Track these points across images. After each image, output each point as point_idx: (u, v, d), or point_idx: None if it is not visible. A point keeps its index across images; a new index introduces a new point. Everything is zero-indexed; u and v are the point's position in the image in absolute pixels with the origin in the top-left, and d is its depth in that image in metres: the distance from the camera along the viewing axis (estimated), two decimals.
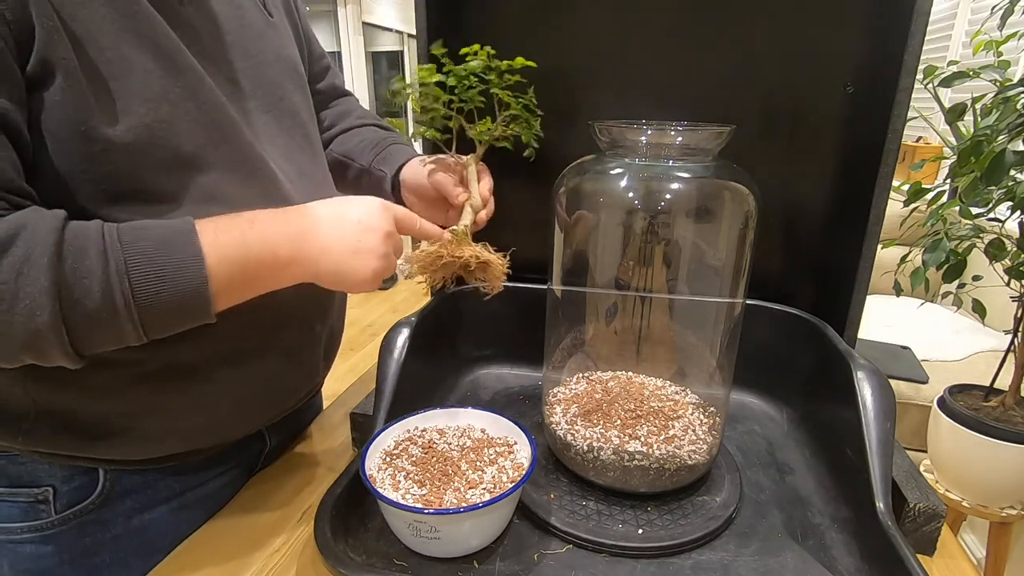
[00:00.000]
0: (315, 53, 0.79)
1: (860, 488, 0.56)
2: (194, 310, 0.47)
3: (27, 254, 0.41)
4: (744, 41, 0.76)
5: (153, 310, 0.44)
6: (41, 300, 0.41)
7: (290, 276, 0.52)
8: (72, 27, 0.44)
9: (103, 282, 0.42)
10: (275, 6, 0.67)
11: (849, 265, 0.72)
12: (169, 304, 0.45)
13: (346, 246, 0.52)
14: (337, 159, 0.79)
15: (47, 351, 0.43)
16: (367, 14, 4.26)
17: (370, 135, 0.79)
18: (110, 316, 0.43)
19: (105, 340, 0.45)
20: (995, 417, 0.90)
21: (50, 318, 0.41)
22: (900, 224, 1.00)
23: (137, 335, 0.45)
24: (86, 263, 0.42)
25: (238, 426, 0.64)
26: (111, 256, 0.43)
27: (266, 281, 0.52)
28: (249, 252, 0.49)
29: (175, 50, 0.50)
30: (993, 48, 0.92)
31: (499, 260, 0.60)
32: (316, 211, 0.54)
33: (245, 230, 0.49)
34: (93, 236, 0.43)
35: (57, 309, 0.41)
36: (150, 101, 0.48)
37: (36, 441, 0.55)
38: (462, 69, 0.62)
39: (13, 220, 0.41)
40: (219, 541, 0.60)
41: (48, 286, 0.41)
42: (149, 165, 0.48)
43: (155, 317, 0.45)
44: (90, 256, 0.42)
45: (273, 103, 0.62)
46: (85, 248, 0.43)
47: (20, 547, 0.59)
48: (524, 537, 0.57)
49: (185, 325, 0.48)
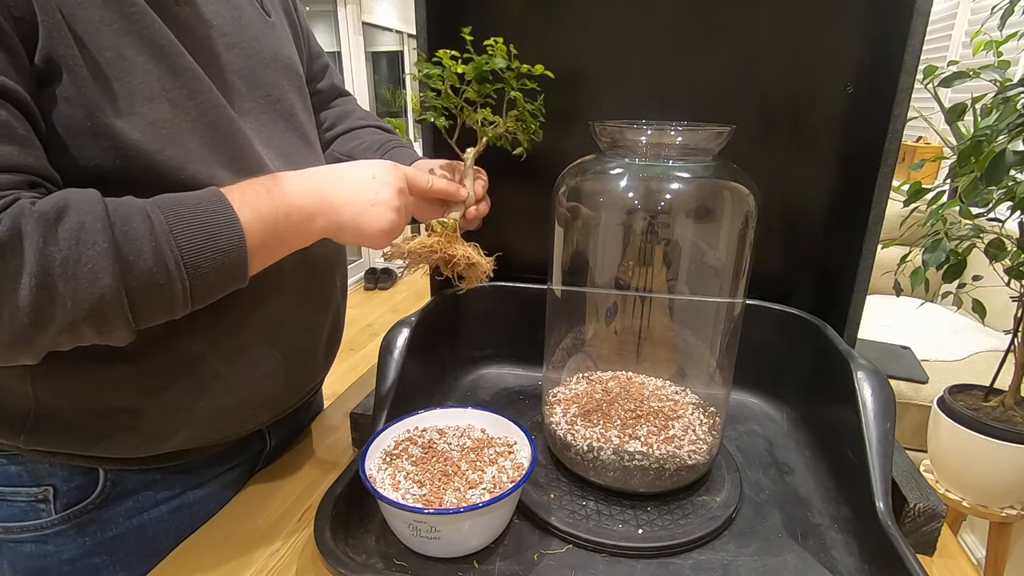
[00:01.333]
0: (313, 52, 0.79)
1: (860, 488, 0.56)
2: (233, 269, 0.48)
3: (81, 221, 0.42)
4: (744, 41, 0.76)
5: (200, 270, 0.46)
6: (102, 262, 0.42)
7: (316, 230, 0.54)
8: (73, 26, 0.45)
9: (152, 243, 0.44)
10: (273, 6, 0.67)
11: (849, 265, 0.72)
12: (213, 262, 0.47)
13: (364, 198, 0.54)
14: (339, 159, 0.79)
15: (109, 318, 0.44)
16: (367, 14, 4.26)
17: (372, 137, 0.80)
18: (164, 277, 0.44)
19: (159, 306, 0.46)
20: (995, 417, 0.90)
21: (112, 280, 0.42)
22: (900, 224, 1.00)
23: (185, 299, 0.47)
24: (134, 227, 0.44)
25: (240, 424, 0.64)
26: (155, 220, 0.45)
27: (294, 236, 0.53)
28: (277, 209, 0.51)
29: (173, 51, 0.50)
30: (993, 48, 0.92)
31: (486, 264, 0.61)
32: (334, 169, 0.56)
33: (270, 188, 0.51)
34: (133, 204, 0.45)
35: (118, 271, 0.42)
36: (151, 100, 0.49)
37: (39, 440, 0.55)
38: (485, 61, 0.62)
39: (58, 196, 0.43)
40: (219, 541, 0.60)
41: (107, 248, 0.42)
42: (156, 162, 0.49)
43: (202, 278, 0.46)
44: (136, 220, 0.44)
45: (270, 103, 0.63)
46: (129, 215, 0.44)
47: (21, 546, 0.59)
48: (524, 537, 0.57)
49: (225, 288, 0.49)
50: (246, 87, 0.60)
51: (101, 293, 0.42)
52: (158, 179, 0.49)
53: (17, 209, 0.41)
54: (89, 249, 0.42)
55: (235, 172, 0.54)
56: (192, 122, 0.51)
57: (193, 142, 0.51)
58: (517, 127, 0.66)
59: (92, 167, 0.47)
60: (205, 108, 0.53)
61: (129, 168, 0.48)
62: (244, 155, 0.56)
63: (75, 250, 0.41)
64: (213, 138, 0.53)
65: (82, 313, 0.43)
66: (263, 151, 0.59)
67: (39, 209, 0.41)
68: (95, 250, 0.42)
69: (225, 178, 0.53)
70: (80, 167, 0.47)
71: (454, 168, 0.68)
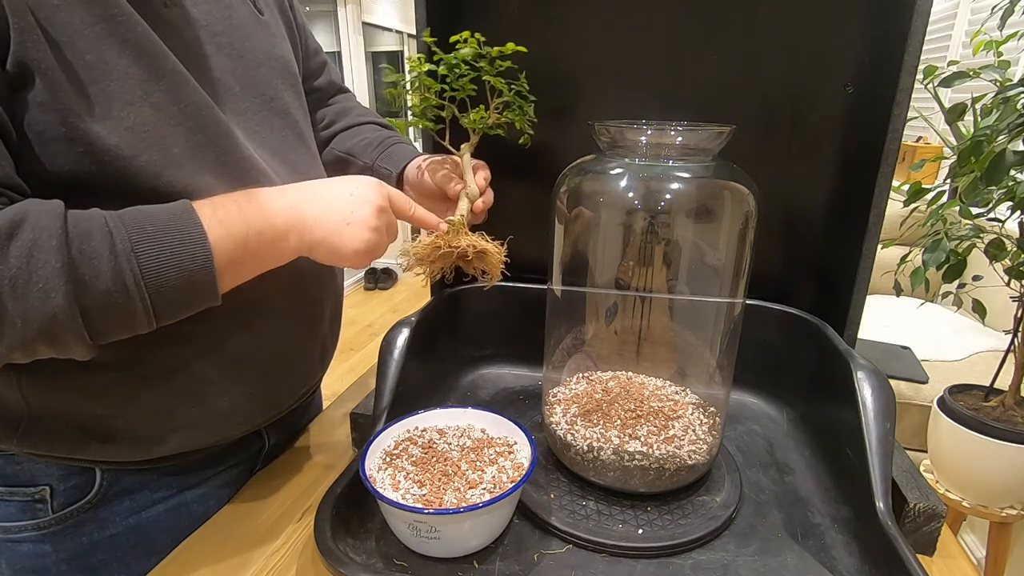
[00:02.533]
0: (310, 49, 0.78)
1: (860, 488, 0.56)
2: (201, 287, 0.47)
3: (35, 238, 0.41)
4: (744, 41, 0.76)
5: (162, 289, 0.45)
6: (54, 282, 0.41)
7: (289, 248, 0.53)
8: (49, 30, 0.44)
9: (111, 262, 0.43)
10: (266, 4, 0.66)
11: (849, 265, 0.72)
12: (177, 281, 0.45)
13: (339, 216, 0.53)
14: (339, 156, 0.78)
15: (62, 336, 0.43)
16: (367, 14, 4.26)
17: (372, 133, 0.79)
18: (121, 296, 0.43)
19: (118, 324, 0.45)
20: (995, 417, 0.90)
21: (64, 300, 0.41)
22: (900, 224, 1.00)
23: (148, 318, 0.45)
24: (92, 244, 0.42)
25: (236, 426, 0.64)
26: (116, 237, 0.43)
27: (267, 254, 0.52)
28: (248, 226, 0.49)
29: (157, 54, 0.49)
30: (993, 48, 0.92)
31: (496, 249, 0.60)
32: (312, 184, 0.55)
33: (242, 204, 0.50)
34: (96, 219, 0.44)
35: (70, 291, 0.41)
36: (131, 105, 0.47)
37: (32, 443, 0.55)
38: (452, 57, 0.61)
39: (15, 209, 0.42)
40: (218, 541, 0.60)
41: (59, 267, 0.41)
42: (133, 168, 0.48)
43: (164, 297, 0.45)
44: (95, 238, 0.43)
45: (264, 103, 0.62)
46: (89, 231, 0.43)
47: (18, 546, 0.59)
48: (524, 537, 0.57)
49: (194, 306, 0.48)
50: (239, 87, 0.59)
51: (53, 313, 0.41)
52: (133, 185, 0.48)
53: None
54: (41, 268, 0.41)
55: (221, 175, 0.53)
56: (176, 126, 0.50)
57: (176, 146, 0.50)
58: (512, 113, 0.65)
59: (64, 173, 0.46)
60: (190, 111, 0.51)
61: (103, 174, 0.47)
62: (232, 157, 0.55)
63: (25, 269, 0.40)
64: (199, 142, 0.52)
65: (32, 332, 0.42)
66: (257, 151, 0.58)
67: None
68: (47, 269, 0.41)
69: (209, 183, 0.52)
70: (52, 173, 0.46)
71: (455, 163, 0.68)
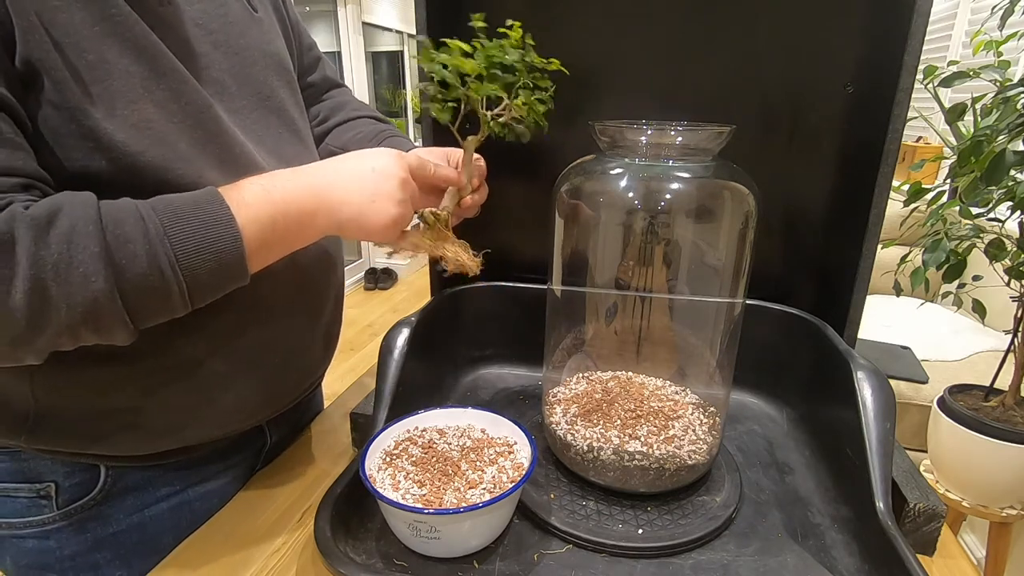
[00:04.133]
0: (304, 45, 0.79)
1: (860, 488, 0.56)
2: (231, 268, 0.48)
3: (72, 224, 0.42)
4: (744, 41, 0.76)
5: (195, 270, 0.46)
6: (94, 265, 0.42)
7: (317, 228, 0.54)
8: (51, 30, 0.45)
9: (146, 246, 0.44)
10: (260, 1, 0.66)
11: (849, 265, 0.72)
12: (209, 262, 0.46)
13: (364, 194, 0.54)
14: (333, 152, 0.78)
15: (105, 320, 0.44)
16: (367, 14, 4.26)
17: (367, 127, 0.79)
18: (157, 279, 0.44)
19: (156, 307, 0.46)
20: (995, 417, 0.90)
21: (105, 284, 0.42)
22: (900, 224, 1.00)
23: (183, 300, 0.46)
24: (126, 229, 0.44)
25: (239, 420, 0.64)
26: (149, 222, 0.44)
27: (295, 235, 0.53)
28: (275, 208, 0.50)
29: (156, 52, 0.50)
30: (993, 48, 0.92)
31: (474, 265, 0.61)
32: (333, 163, 0.55)
33: (268, 188, 0.51)
34: (127, 207, 0.45)
35: (110, 274, 0.43)
36: (133, 103, 0.48)
37: (39, 439, 0.56)
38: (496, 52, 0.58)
39: (51, 200, 0.43)
40: (219, 540, 0.60)
41: (98, 251, 0.42)
42: (142, 163, 0.49)
43: (198, 278, 0.46)
44: (128, 223, 0.44)
45: (260, 100, 0.62)
46: (122, 218, 0.44)
47: (23, 542, 0.60)
48: (524, 537, 0.57)
49: (225, 287, 0.49)
50: (235, 85, 0.59)
51: (94, 296, 0.42)
52: (145, 180, 0.49)
53: (9, 214, 0.41)
54: (80, 253, 0.42)
55: (224, 172, 0.54)
56: (178, 123, 0.51)
57: (181, 143, 0.51)
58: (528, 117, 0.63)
59: (79, 168, 0.47)
60: (190, 109, 0.52)
61: (116, 170, 0.48)
62: (233, 154, 0.56)
63: (66, 254, 0.41)
64: (200, 139, 0.53)
65: (77, 316, 0.43)
66: (254, 149, 0.59)
67: (32, 213, 0.41)
68: (86, 254, 0.42)
69: (214, 178, 0.53)
70: (68, 170, 0.47)
71: (448, 156, 0.68)
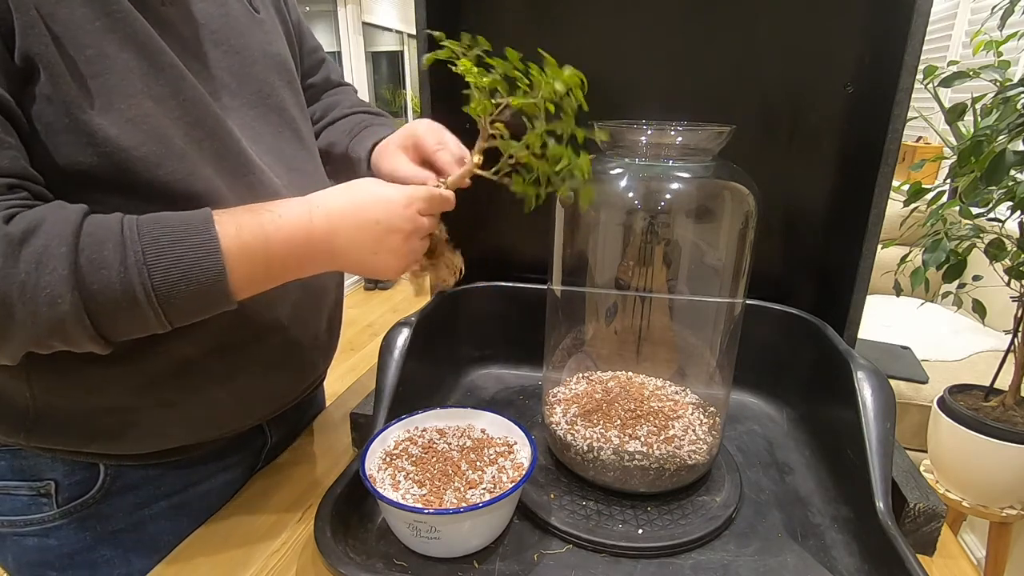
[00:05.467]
0: (308, 47, 0.79)
1: (860, 488, 0.56)
2: (214, 298, 0.48)
3: (46, 244, 0.42)
4: (744, 41, 0.76)
5: (173, 300, 0.46)
6: (60, 289, 0.42)
7: (314, 270, 0.53)
8: (51, 25, 0.45)
9: (121, 273, 0.43)
10: (262, 2, 0.66)
11: (849, 265, 0.72)
12: (188, 294, 0.46)
13: (366, 248, 0.53)
14: (322, 151, 0.78)
15: (73, 337, 0.44)
16: (367, 14, 4.26)
17: (347, 124, 0.78)
18: (131, 305, 0.44)
19: (130, 327, 0.46)
20: (995, 417, 0.90)
21: (71, 307, 0.42)
22: (900, 224, 1.00)
23: (161, 323, 0.46)
24: (104, 254, 0.43)
25: (238, 419, 0.64)
26: (129, 248, 0.44)
27: (291, 273, 0.53)
28: (271, 250, 0.49)
29: (156, 49, 0.50)
30: (993, 48, 0.92)
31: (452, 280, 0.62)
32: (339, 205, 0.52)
33: (266, 226, 0.49)
34: (113, 227, 0.44)
35: (77, 298, 0.42)
36: (131, 98, 0.48)
37: (39, 437, 0.56)
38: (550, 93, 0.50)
39: (33, 214, 0.43)
40: (219, 540, 0.60)
41: (66, 275, 0.42)
42: (134, 159, 0.49)
43: (176, 307, 0.46)
44: (108, 247, 0.43)
45: (260, 100, 0.62)
46: (103, 240, 0.44)
47: (23, 540, 0.60)
48: (524, 537, 0.57)
49: (209, 312, 0.49)
50: (236, 84, 0.59)
51: (60, 317, 0.42)
52: (136, 177, 0.49)
53: None
54: (49, 275, 0.42)
55: (219, 169, 0.54)
56: (175, 119, 0.51)
57: (177, 139, 0.51)
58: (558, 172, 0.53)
59: (71, 165, 0.47)
60: (188, 105, 0.52)
61: (107, 165, 0.48)
62: (230, 152, 0.56)
63: (34, 275, 0.42)
64: (197, 136, 0.53)
65: (44, 331, 0.43)
66: (253, 147, 0.59)
67: (9, 228, 0.41)
68: (54, 276, 0.42)
69: (207, 175, 0.53)
70: (61, 167, 0.47)
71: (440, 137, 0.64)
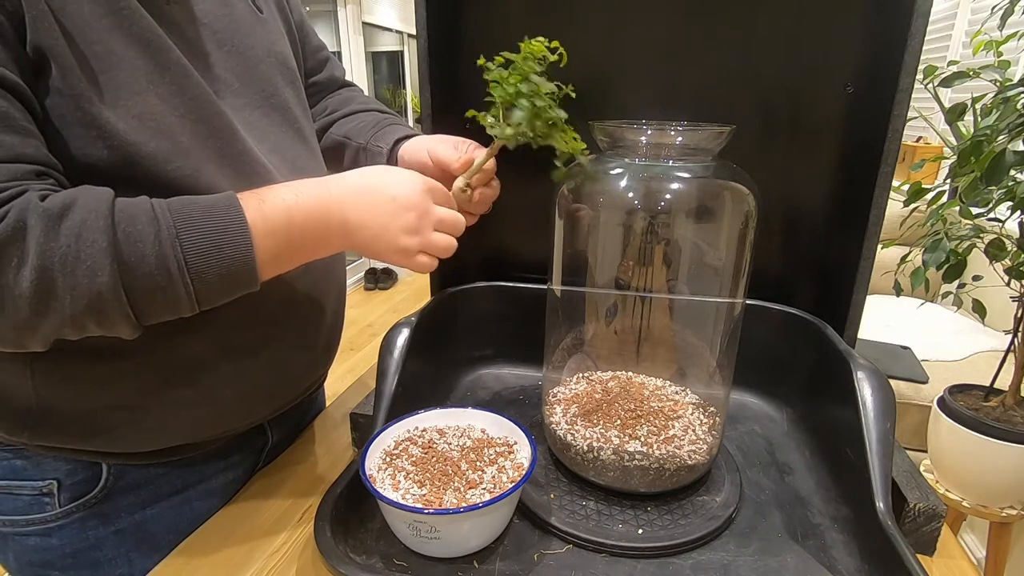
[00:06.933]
0: (312, 46, 0.79)
1: (860, 488, 0.56)
2: (241, 276, 0.48)
3: (84, 218, 0.43)
4: (744, 41, 0.76)
5: (204, 275, 0.46)
6: (101, 260, 0.42)
7: (332, 246, 0.54)
8: (60, 18, 0.45)
9: (155, 246, 0.44)
10: (265, 2, 0.67)
11: (849, 265, 0.72)
12: (218, 269, 0.47)
13: (380, 223, 0.54)
14: (336, 140, 0.79)
15: (109, 314, 0.44)
16: (367, 14, 4.26)
17: (370, 118, 0.79)
18: (165, 280, 0.45)
19: (161, 306, 0.46)
20: (995, 417, 0.90)
21: (110, 279, 0.43)
22: (900, 224, 1.00)
23: (190, 302, 0.47)
24: (138, 228, 0.44)
25: (241, 417, 0.64)
26: (162, 223, 0.45)
27: (311, 250, 0.53)
28: (292, 222, 0.50)
29: (162, 47, 0.51)
30: (993, 48, 0.92)
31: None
32: (354, 182, 0.55)
33: (288, 201, 0.51)
34: (142, 205, 0.45)
35: (116, 270, 0.43)
36: (138, 94, 0.49)
37: (42, 435, 0.56)
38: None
39: (67, 193, 0.44)
40: (220, 539, 0.60)
41: (106, 246, 0.43)
42: (142, 154, 0.49)
43: (206, 282, 0.47)
44: (141, 222, 0.44)
45: (263, 98, 0.63)
46: (135, 215, 0.44)
47: (25, 539, 0.60)
48: (524, 537, 0.57)
49: (233, 293, 0.49)
50: (239, 83, 0.60)
51: (99, 291, 0.43)
52: (144, 172, 0.49)
53: (24, 202, 0.42)
54: (89, 247, 0.42)
55: (223, 167, 0.54)
56: (181, 117, 0.52)
57: (182, 136, 0.52)
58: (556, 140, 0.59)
59: (81, 157, 0.47)
60: (193, 104, 0.53)
61: (115, 159, 0.48)
62: (234, 150, 0.56)
63: (74, 247, 0.42)
64: (202, 133, 0.53)
65: (81, 307, 0.43)
66: (256, 146, 0.59)
67: (46, 205, 0.42)
68: (94, 248, 0.42)
69: (212, 173, 0.53)
70: (75, 159, 0.47)
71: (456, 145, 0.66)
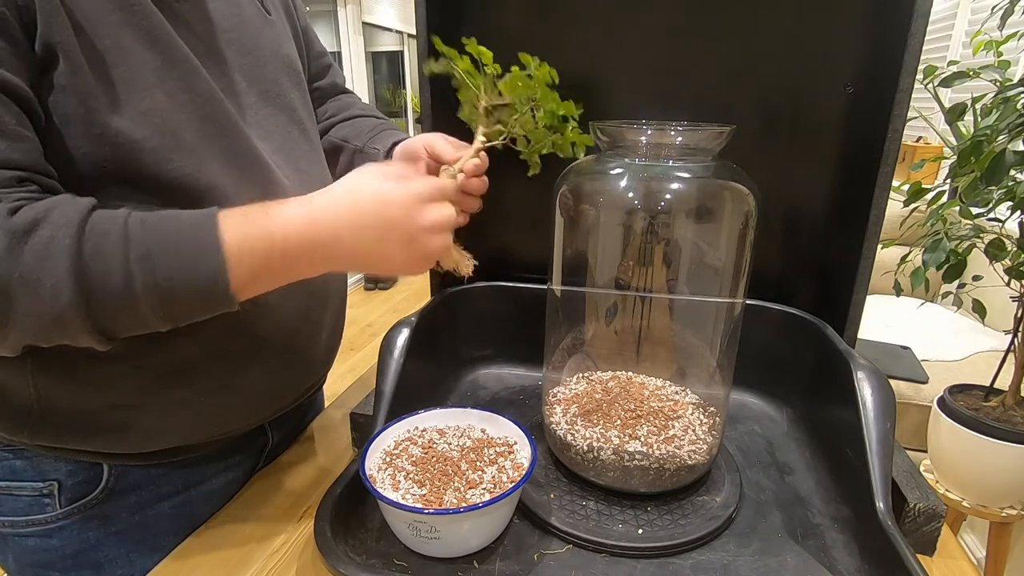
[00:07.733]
0: (315, 51, 0.80)
1: (860, 488, 0.56)
2: (214, 298, 0.47)
3: (51, 235, 0.42)
4: (744, 41, 0.76)
5: (172, 298, 0.45)
6: (62, 282, 0.42)
7: (318, 271, 0.52)
8: (72, 12, 0.45)
9: (123, 267, 0.43)
10: (273, 5, 0.67)
11: (849, 265, 0.72)
12: (187, 293, 0.45)
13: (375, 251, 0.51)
14: (334, 143, 0.79)
15: (74, 332, 0.44)
16: (367, 14, 4.26)
17: (368, 123, 0.80)
18: (130, 301, 0.44)
19: (130, 324, 0.46)
20: (995, 417, 0.90)
21: (72, 299, 0.42)
22: (900, 224, 1.00)
23: (160, 321, 0.46)
24: (107, 247, 0.43)
25: (239, 419, 0.64)
26: (133, 243, 0.44)
27: (295, 274, 0.51)
28: (274, 247, 0.48)
29: (171, 44, 0.51)
30: (993, 48, 0.92)
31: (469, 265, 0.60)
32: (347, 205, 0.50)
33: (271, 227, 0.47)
34: (118, 222, 0.44)
35: (78, 291, 0.42)
36: (145, 91, 0.49)
37: (41, 435, 0.56)
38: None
39: (42, 206, 0.43)
40: (219, 540, 0.60)
41: (69, 267, 0.42)
42: (145, 152, 0.49)
43: (175, 305, 0.45)
44: (111, 241, 0.43)
45: (269, 99, 0.63)
46: (107, 232, 0.43)
47: (25, 540, 0.60)
48: (524, 537, 0.57)
49: (208, 312, 0.48)
50: (246, 83, 0.60)
51: (61, 311, 0.42)
52: (145, 170, 0.49)
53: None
54: (51, 268, 0.41)
55: (227, 165, 0.54)
56: (187, 114, 0.52)
57: (188, 133, 0.51)
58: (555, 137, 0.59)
59: (84, 156, 0.47)
60: (200, 101, 0.53)
61: (118, 159, 0.48)
62: (239, 149, 0.56)
63: (36, 267, 0.41)
64: (208, 131, 0.53)
65: (47, 323, 0.43)
66: (262, 146, 0.59)
67: (15, 220, 0.41)
68: (56, 269, 0.41)
69: (216, 171, 0.53)
70: (75, 159, 0.47)
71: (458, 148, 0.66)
